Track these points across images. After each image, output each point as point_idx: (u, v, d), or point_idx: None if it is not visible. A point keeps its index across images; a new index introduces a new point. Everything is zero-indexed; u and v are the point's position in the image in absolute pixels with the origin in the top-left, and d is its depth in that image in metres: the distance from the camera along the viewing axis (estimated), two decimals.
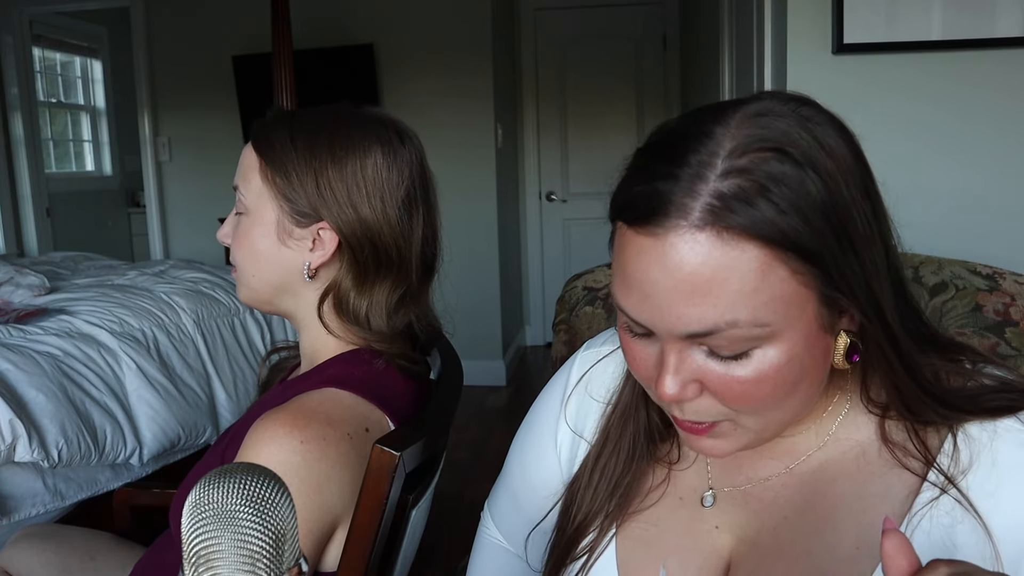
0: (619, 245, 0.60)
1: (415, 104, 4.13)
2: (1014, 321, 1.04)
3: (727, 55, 2.75)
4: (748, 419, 0.61)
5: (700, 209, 0.54)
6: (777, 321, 0.55)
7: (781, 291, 0.55)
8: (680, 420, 0.63)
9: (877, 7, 1.80)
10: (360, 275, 0.95)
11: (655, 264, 0.56)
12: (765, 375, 0.57)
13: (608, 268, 1.29)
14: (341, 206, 0.93)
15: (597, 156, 4.87)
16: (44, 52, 5.30)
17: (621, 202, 0.59)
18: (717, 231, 0.54)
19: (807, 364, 0.58)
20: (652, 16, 4.73)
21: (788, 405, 0.60)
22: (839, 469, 0.66)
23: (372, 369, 0.94)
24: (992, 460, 0.60)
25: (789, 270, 0.54)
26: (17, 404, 1.93)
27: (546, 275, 5.02)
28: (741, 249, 0.54)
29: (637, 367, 0.63)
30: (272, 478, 0.48)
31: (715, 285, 0.54)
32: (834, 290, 0.56)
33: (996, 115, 1.83)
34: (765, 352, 0.57)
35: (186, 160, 4.50)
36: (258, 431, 0.83)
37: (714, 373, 0.58)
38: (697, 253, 0.54)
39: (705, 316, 0.55)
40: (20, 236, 4.63)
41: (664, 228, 0.55)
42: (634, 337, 0.62)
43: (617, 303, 0.61)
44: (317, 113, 0.98)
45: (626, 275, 0.59)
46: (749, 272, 0.54)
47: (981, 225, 1.83)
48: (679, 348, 0.58)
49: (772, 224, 0.53)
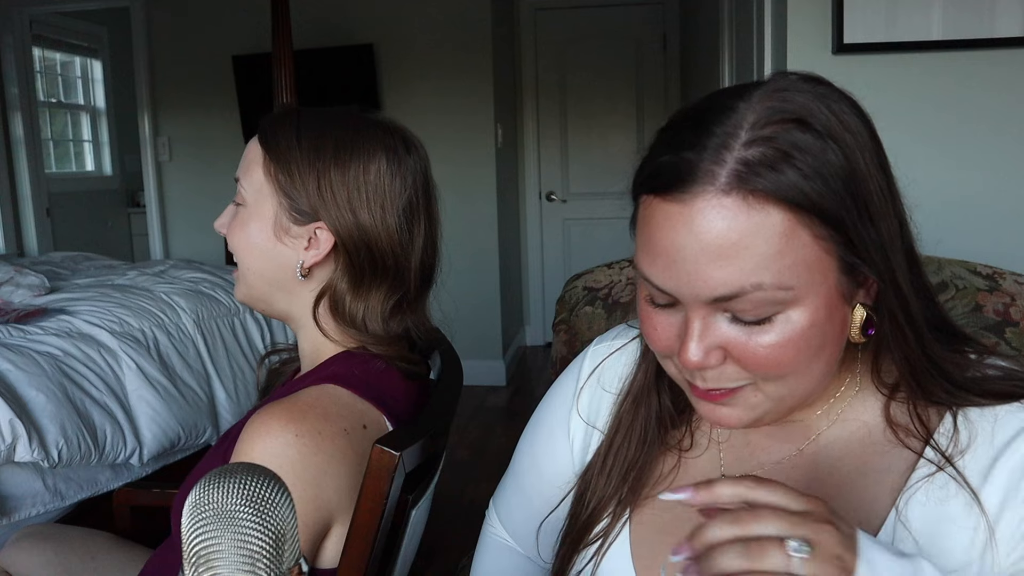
0: (644, 217, 0.61)
1: (415, 104, 4.13)
2: (1014, 321, 1.04)
3: (727, 55, 2.75)
4: (770, 386, 0.61)
5: (726, 175, 0.56)
6: (800, 286, 0.57)
7: (804, 255, 0.57)
8: (699, 389, 0.63)
9: (877, 7, 1.80)
10: (356, 279, 0.95)
11: (682, 229, 0.57)
12: (788, 340, 0.58)
13: (608, 268, 1.29)
14: (340, 208, 0.93)
15: (597, 156, 4.87)
16: (44, 52, 5.30)
17: (647, 174, 0.61)
18: (743, 195, 0.55)
19: (827, 332, 0.60)
20: (652, 16, 4.73)
21: (809, 374, 0.61)
22: (845, 449, 0.67)
23: (372, 369, 0.94)
24: (990, 441, 0.61)
25: (812, 235, 0.56)
26: (17, 404, 1.93)
27: (546, 275, 5.02)
28: (766, 213, 0.56)
29: (658, 339, 0.64)
30: (272, 478, 0.48)
31: (741, 248, 0.56)
32: (854, 256, 0.58)
33: (996, 115, 1.83)
34: (788, 317, 0.58)
35: (186, 160, 4.50)
36: (254, 425, 0.83)
37: (737, 339, 0.59)
38: (724, 217, 0.56)
39: (731, 279, 0.56)
40: (20, 236, 4.63)
41: (691, 194, 0.57)
42: (656, 308, 0.63)
43: (642, 273, 0.62)
44: (325, 114, 0.98)
45: (652, 244, 0.60)
46: (774, 235, 0.56)
47: (981, 225, 1.83)
48: (703, 314, 0.59)
49: (796, 188, 0.55)
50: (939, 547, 0.60)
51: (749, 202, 0.56)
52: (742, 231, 0.56)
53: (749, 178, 0.55)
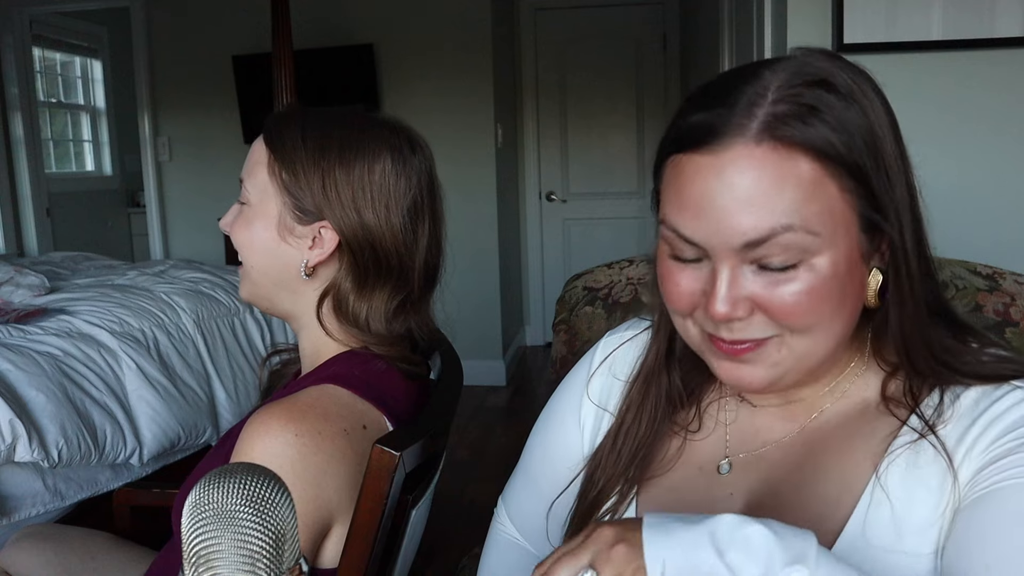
0: (673, 175, 0.63)
1: (415, 104, 4.13)
2: (1014, 321, 1.04)
3: (727, 55, 2.75)
4: (795, 340, 0.63)
5: (757, 127, 0.59)
6: (826, 235, 0.60)
7: (830, 206, 0.59)
8: (723, 345, 0.64)
9: (877, 7, 1.80)
10: (360, 278, 0.95)
11: (714, 179, 0.60)
12: (812, 288, 0.60)
13: (608, 268, 1.29)
14: (345, 208, 0.93)
15: (597, 156, 4.86)
16: (44, 52, 5.30)
17: (676, 134, 0.63)
18: (773, 145, 0.58)
19: (847, 288, 0.62)
20: (652, 16, 4.73)
21: (831, 329, 0.63)
22: (842, 422, 0.69)
23: (372, 369, 0.94)
24: (970, 414, 0.63)
25: (838, 187, 0.60)
26: (17, 404, 1.93)
27: (546, 275, 5.02)
28: (795, 162, 0.59)
29: (680, 296, 0.65)
30: (272, 478, 0.48)
31: (772, 193, 0.58)
32: (874, 212, 0.61)
33: (996, 115, 1.83)
34: (812, 266, 0.60)
35: (186, 160, 4.50)
36: (253, 424, 0.83)
37: (764, 289, 0.61)
38: (754, 166, 0.59)
39: (762, 222, 0.59)
40: (20, 236, 4.63)
41: (723, 146, 0.59)
42: (681, 264, 0.65)
43: (671, 225, 0.63)
44: (330, 113, 0.98)
45: (683, 196, 0.62)
46: (802, 183, 0.59)
47: (981, 225, 1.83)
48: (732, 265, 0.61)
49: (824, 139, 0.59)
50: (912, 510, 0.62)
51: (779, 151, 0.58)
52: (772, 178, 0.58)
53: (779, 128, 0.58)
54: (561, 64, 4.82)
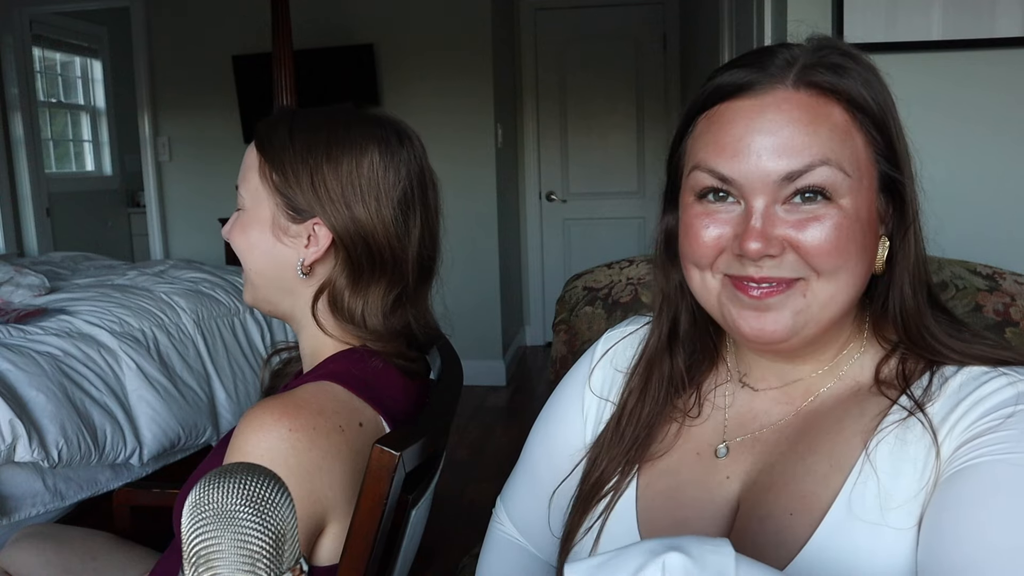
0: (708, 124, 0.67)
1: (415, 104, 4.13)
2: (1014, 321, 1.04)
3: (727, 55, 2.75)
4: (820, 284, 0.65)
5: (794, 76, 0.65)
6: (854, 178, 0.64)
7: (858, 154, 0.65)
8: (751, 287, 0.66)
9: (877, 7, 1.80)
10: (354, 274, 0.95)
11: (757, 118, 0.64)
12: (841, 225, 0.64)
13: (608, 268, 1.29)
14: (335, 203, 0.93)
15: (597, 156, 4.86)
16: (44, 52, 5.30)
17: (710, 92, 0.68)
18: (810, 92, 0.64)
19: (868, 237, 0.66)
20: (652, 16, 4.73)
21: (853, 274, 0.66)
22: (833, 404, 0.71)
23: (370, 368, 0.94)
24: (956, 394, 0.65)
25: (864, 139, 0.65)
26: (17, 404, 1.93)
27: (546, 275, 5.02)
28: (829, 108, 0.64)
29: (706, 243, 0.67)
30: (272, 478, 0.48)
31: (810, 131, 0.63)
32: (895, 169, 0.66)
33: (996, 115, 1.83)
34: (840, 206, 0.64)
35: (186, 160, 4.50)
36: (247, 419, 0.83)
37: (796, 228, 0.64)
38: (794, 107, 0.64)
39: (801, 156, 0.63)
40: (20, 236, 4.63)
41: (763, 90, 0.65)
42: (710, 204, 0.67)
43: (708, 167, 0.66)
44: (318, 113, 0.99)
45: (720, 136, 0.66)
46: (836, 127, 0.64)
47: (981, 225, 1.83)
48: (767, 202, 0.64)
49: (855, 89, 0.65)
50: (896, 484, 0.64)
51: (816, 97, 0.64)
52: (810, 119, 0.63)
53: (816, 76, 0.64)
54: (561, 64, 4.82)
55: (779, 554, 0.65)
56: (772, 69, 0.65)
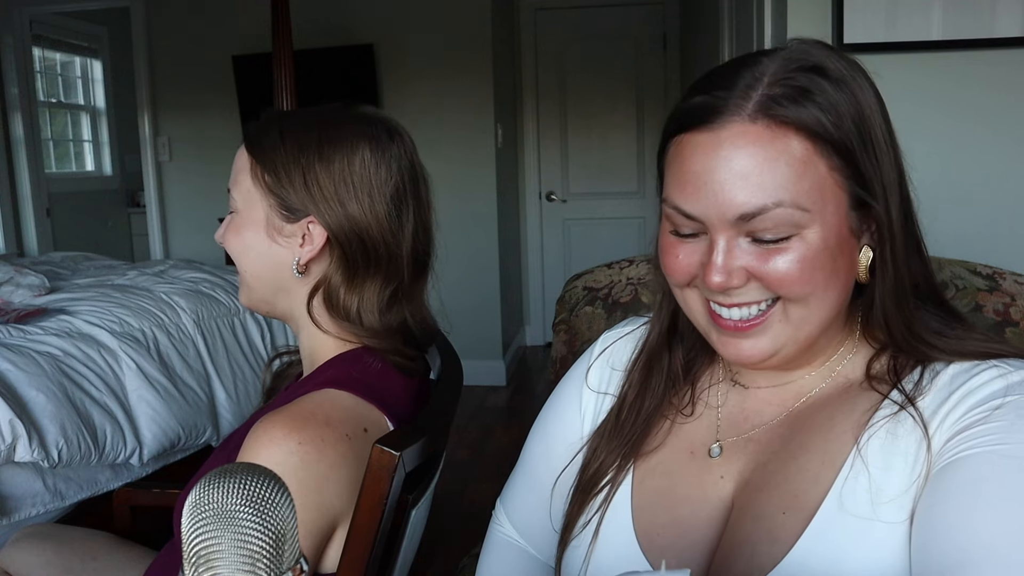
0: (675, 154, 0.67)
1: (415, 104, 4.13)
2: (1014, 321, 1.04)
3: (727, 55, 2.75)
4: (794, 308, 0.66)
5: (752, 107, 0.63)
6: (815, 210, 0.63)
7: (820, 183, 0.63)
8: (725, 321, 0.68)
9: (877, 7, 1.80)
10: (350, 271, 0.95)
11: (711, 155, 0.64)
12: (804, 258, 0.64)
13: (608, 268, 1.29)
14: (329, 202, 0.93)
15: (597, 156, 4.86)
16: (44, 52, 5.30)
17: (678, 116, 0.68)
18: (767, 124, 0.63)
19: (838, 260, 0.66)
20: (652, 16, 4.73)
21: (826, 299, 0.66)
22: (824, 401, 0.72)
23: (370, 369, 0.94)
24: (947, 388, 0.66)
25: (827, 165, 0.63)
26: (17, 404, 1.93)
27: (546, 275, 5.02)
28: (787, 140, 0.63)
29: (679, 268, 0.69)
30: (272, 478, 0.48)
31: (765, 169, 0.62)
32: (861, 189, 0.65)
33: (996, 115, 1.83)
34: (804, 238, 0.64)
35: (186, 160, 4.50)
36: (256, 433, 0.83)
37: (758, 260, 0.65)
38: (749, 142, 0.63)
39: (754, 197, 0.62)
40: (20, 236, 4.63)
41: (720, 124, 0.64)
42: (680, 239, 0.69)
43: (671, 203, 0.68)
44: (308, 112, 0.99)
45: (682, 172, 0.66)
46: (794, 160, 0.63)
47: (981, 225, 1.83)
48: (727, 236, 0.65)
49: (815, 119, 0.63)
50: (887, 478, 0.64)
51: (772, 130, 0.62)
52: (765, 155, 0.62)
53: (773, 108, 0.63)
54: (561, 64, 4.82)
55: (772, 552, 0.65)
56: (733, 97, 0.64)
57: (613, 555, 0.74)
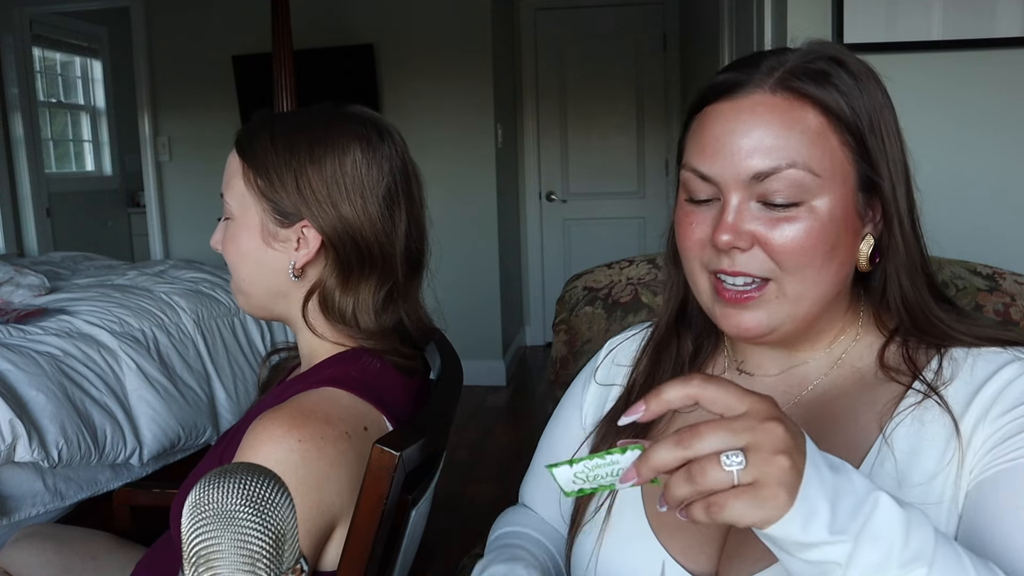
0: (697, 125, 0.71)
1: (415, 104, 4.13)
2: (1014, 321, 1.04)
3: (727, 55, 2.75)
4: (791, 282, 0.68)
5: (774, 81, 0.68)
6: (825, 178, 0.67)
7: (831, 155, 0.67)
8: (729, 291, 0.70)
9: (877, 7, 1.80)
10: (344, 273, 0.95)
11: (733, 120, 0.68)
12: (810, 228, 0.67)
13: (608, 268, 1.29)
14: (321, 205, 0.93)
15: (597, 156, 4.86)
16: (44, 52, 5.30)
17: (703, 92, 0.71)
18: (786, 96, 0.67)
19: (841, 236, 0.68)
20: (652, 16, 4.73)
21: (824, 275, 0.68)
22: (839, 392, 0.73)
23: (369, 368, 0.94)
24: (970, 376, 0.68)
25: (839, 141, 0.68)
26: (17, 404, 1.93)
27: (546, 275, 5.02)
28: (804, 112, 0.67)
29: (693, 234, 0.72)
30: (272, 478, 0.48)
31: (781, 134, 0.66)
32: (870, 169, 0.68)
33: (996, 115, 1.83)
34: (812, 209, 0.67)
35: (186, 160, 4.50)
36: (256, 430, 0.83)
37: (766, 226, 0.67)
38: (768, 110, 0.67)
39: (769, 157, 0.66)
40: (20, 236, 4.63)
41: (743, 94, 0.68)
42: (696, 205, 0.71)
43: (690, 167, 0.71)
44: (297, 114, 0.99)
45: (703, 138, 0.70)
46: (808, 130, 0.67)
47: (981, 225, 1.83)
48: (740, 199, 0.68)
49: (832, 98, 0.67)
50: (915, 463, 0.66)
51: (791, 101, 0.67)
52: (782, 122, 0.67)
53: (793, 82, 0.67)
54: (561, 64, 4.82)
55: None
56: (757, 74, 0.68)
57: (625, 536, 0.75)
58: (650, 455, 0.52)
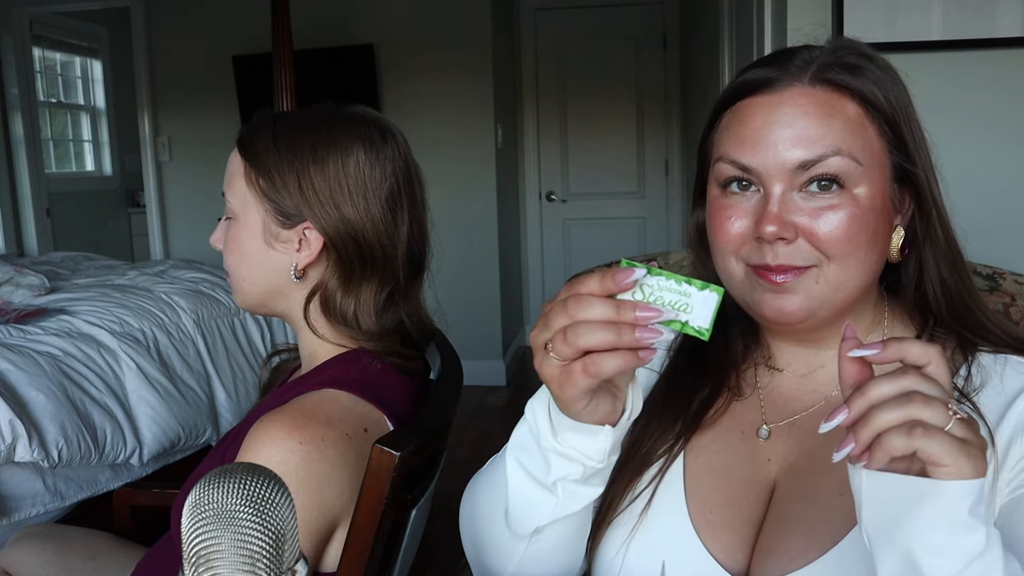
0: (731, 119, 0.72)
1: (415, 104, 4.13)
2: (1014, 321, 1.04)
3: (727, 55, 2.75)
4: (832, 269, 0.69)
5: (811, 74, 0.69)
6: (867, 166, 0.68)
7: (870, 144, 0.69)
8: (767, 275, 0.69)
9: (877, 7, 1.79)
10: (346, 275, 0.95)
11: (774, 113, 0.69)
12: (853, 215, 0.68)
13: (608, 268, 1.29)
14: (324, 206, 0.93)
15: (597, 156, 4.86)
16: (44, 52, 5.30)
17: (735, 88, 0.72)
18: (824, 88, 0.69)
19: (879, 225, 0.70)
20: (652, 16, 4.73)
21: (863, 263, 0.69)
22: None
23: (369, 369, 0.94)
24: (1001, 386, 0.69)
25: (876, 132, 0.69)
26: (17, 404, 1.93)
27: (546, 275, 5.02)
28: (843, 103, 0.69)
29: (731, 227, 0.71)
30: (272, 478, 0.48)
31: (824, 123, 0.68)
32: (906, 159, 0.70)
33: (996, 115, 1.83)
34: (853, 196, 0.68)
35: (186, 160, 4.50)
36: (257, 432, 0.83)
37: (810, 216, 0.68)
38: (809, 102, 0.68)
39: (814, 147, 0.67)
40: (20, 236, 4.63)
41: (783, 86, 0.69)
42: (733, 195, 0.71)
43: (728, 157, 0.71)
44: (300, 114, 0.98)
45: (742, 130, 0.70)
46: (849, 120, 0.68)
47: (981, 225, 1.83)
48: (783, 189, 0.68)
49: (869, 89, 0.69)
50: None
51: (829, 93, 0.68)
52: (823, 112, 0.68)
53: (832, 74, 0.68)
54: (561, 64, 4.82)
55: (833, 531, 0.68)
56: (792, 68, 0.69)
57: (664, 529, 0.75)
58: (869, 388, 0.52)
